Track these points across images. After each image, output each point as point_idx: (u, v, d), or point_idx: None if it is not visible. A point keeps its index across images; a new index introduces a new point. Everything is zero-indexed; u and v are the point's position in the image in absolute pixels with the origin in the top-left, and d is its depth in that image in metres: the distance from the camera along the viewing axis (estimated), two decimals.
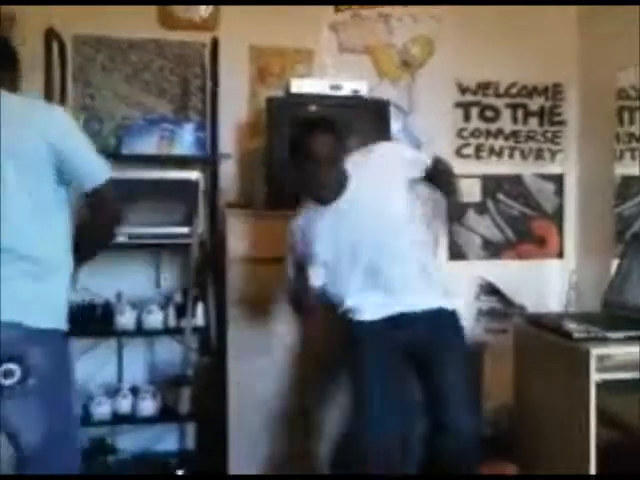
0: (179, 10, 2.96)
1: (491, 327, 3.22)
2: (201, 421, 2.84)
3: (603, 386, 1.98)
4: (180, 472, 2.58)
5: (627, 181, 2.97)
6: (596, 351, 1.93)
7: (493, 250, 3.31)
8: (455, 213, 3.15)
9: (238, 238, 2.61)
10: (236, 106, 3.01)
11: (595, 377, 1.93)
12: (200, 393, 2.66)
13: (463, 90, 3.24)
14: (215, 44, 2.80)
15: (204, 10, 2.98)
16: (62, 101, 2.80)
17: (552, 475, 2.13)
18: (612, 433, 2.16)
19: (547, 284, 3.29)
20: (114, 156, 2.70)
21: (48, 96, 2.63)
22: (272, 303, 2.59)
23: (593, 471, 1.94)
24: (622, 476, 2.05)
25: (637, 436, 2.21)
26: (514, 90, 3.30)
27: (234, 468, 2.57)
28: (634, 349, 2.01)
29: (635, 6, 2.75)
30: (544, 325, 2.24)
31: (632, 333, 2.05)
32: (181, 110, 3.01)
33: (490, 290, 3.26)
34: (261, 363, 2.56)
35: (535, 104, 3.32)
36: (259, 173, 2.82)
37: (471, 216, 3.29)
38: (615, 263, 2.63)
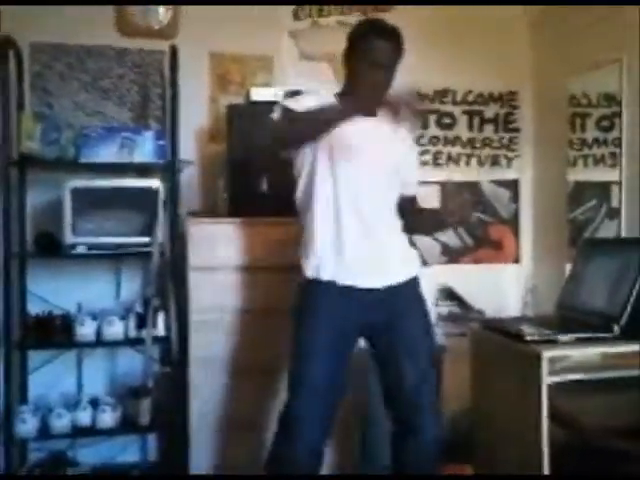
0: (137, 17, 2.95)
1: (450, 331, 3.27)
2: (162, 432, 2.83)
3: (556, 387, 2.03)
4: None
5: (580, 187, 3.05)
6: (547, 353, 1.97)
7: (452, 256, 3.37)
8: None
9: (199, 246, 2.60)
10: (196, 114, 3.02)
11: (547, 379, 1.97)
12: (161, 403, 2.65)
13: (421, 97, 3.29)
14: (174, 52, 2.80)
15: (162, 17, 2.98)
16: (19, 110, 2.78)
17: (509, 475, 2.17)
18: (565, 433, 2.21)
19: (505, 288, 3.36)
20: (73, 165, 2.70)
21: (5, 105, 2.60)
22: (234, 312, 2.60)
23: (546, 471, 1.99)
24: (575, 475, 2.10)
25: (589, 435, 2.27)
26: (470, 98, 3.37)
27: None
28: (585, 351, 2.07)
29: (585, 11, 2.83)
30: (498, 329, 2.28)
31: (583, 335, 2.10)
32: (141, 118, 3.00)
33: (449, 295, 3.32)
34: (222, 372, 2.57)
35: (490, 111, 3.40)
36: (220, 180, 2.83)
37: None
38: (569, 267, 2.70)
